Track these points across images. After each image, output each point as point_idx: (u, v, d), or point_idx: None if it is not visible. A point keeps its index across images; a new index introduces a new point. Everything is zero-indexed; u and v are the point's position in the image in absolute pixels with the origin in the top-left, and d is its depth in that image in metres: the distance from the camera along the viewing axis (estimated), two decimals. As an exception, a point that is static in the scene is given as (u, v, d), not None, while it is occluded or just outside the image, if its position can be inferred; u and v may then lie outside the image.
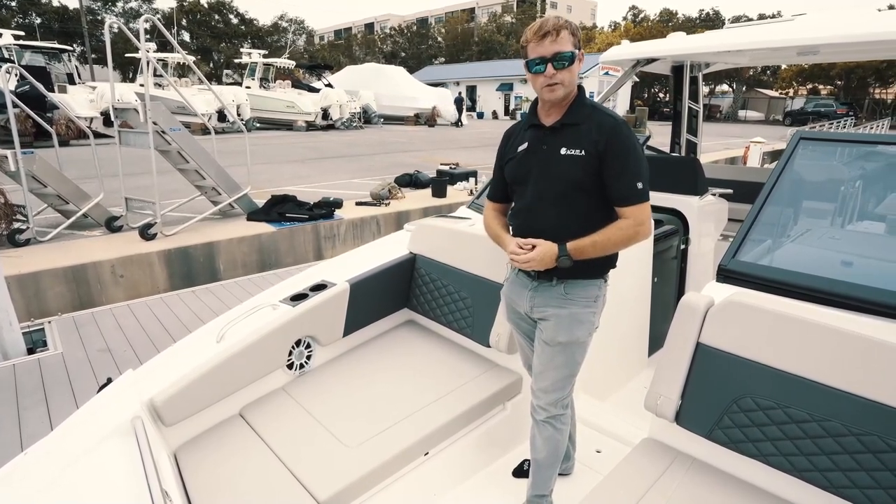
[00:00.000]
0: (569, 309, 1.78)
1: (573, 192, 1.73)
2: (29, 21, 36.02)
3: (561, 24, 1.66)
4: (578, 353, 1.84)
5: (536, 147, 1.79)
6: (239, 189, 7.53)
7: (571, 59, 1.66)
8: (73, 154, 10.71)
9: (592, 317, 1.82)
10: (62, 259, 5.60)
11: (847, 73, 37.73)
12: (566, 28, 1.66)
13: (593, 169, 1.70)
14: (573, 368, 1.85)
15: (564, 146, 1.72)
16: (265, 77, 24.05)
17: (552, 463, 1.92)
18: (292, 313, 2.34)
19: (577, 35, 1.69)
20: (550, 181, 1.75)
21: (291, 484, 1.79)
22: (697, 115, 4.43)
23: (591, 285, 1.80)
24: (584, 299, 1.79)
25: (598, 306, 1.84)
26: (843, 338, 1.43)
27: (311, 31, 58.58)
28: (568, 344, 1.80)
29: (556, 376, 1.84)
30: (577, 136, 1.72)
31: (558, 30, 1.65)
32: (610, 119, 1.72)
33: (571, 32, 1.67)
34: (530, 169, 1.80)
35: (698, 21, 43.65)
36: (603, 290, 1.85)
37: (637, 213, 1.70)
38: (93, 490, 1.49)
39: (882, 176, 1.99)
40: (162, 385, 1.98)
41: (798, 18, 3.00)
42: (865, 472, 1.38)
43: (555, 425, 1.88)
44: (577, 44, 1.68)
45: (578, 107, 1.75)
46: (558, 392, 1.85)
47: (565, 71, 1.67)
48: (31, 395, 3.40)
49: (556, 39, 1.65)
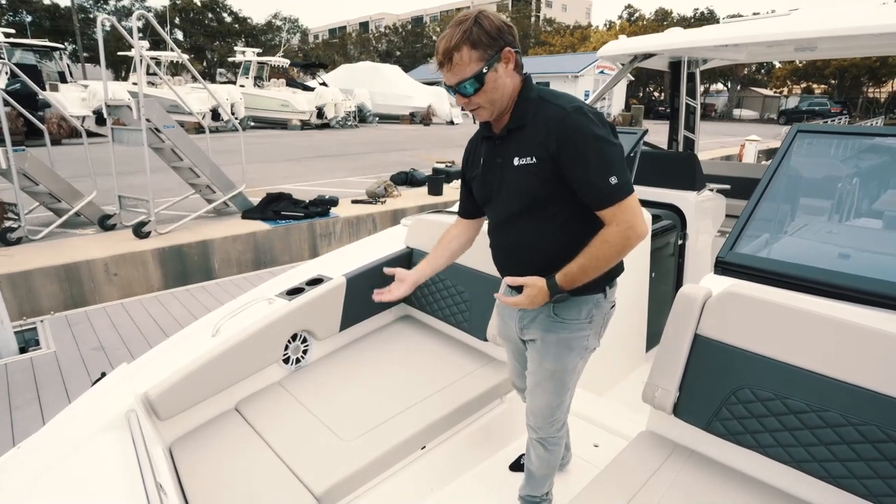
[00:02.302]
0: (558, 334, 1.58)
1: (536, 205, 1.49)
2: (20, 19, 35.73)
3: (452, 47, 1.37)
4: (570, 379, 1.66)
5: (492, 161, 1.57)
6: (234, 187, 7.49)
7: (479, 80, 1.39)
8: (65, 153, 10.64)
9: (585, 341, 1.60)
10: (54, 257, 5.55)
11: (841, 72, 37.96)
12: (462, 46, 1.37)
13: (551, 175, 1.43)
14: (563, 396, 1.69)
15: (517, 155, 1.48)
16: (259, 76, 23.93)
17: (545, 474, 1.86)
18: (288, 307, 2.33)
19: (482, 43, 1.37)
20: (509, 197, 1.53)
21: (288, 478, 1.78)
22: (695, 112, 4.43)
23: (585, 303, 1.56)
24: (575, 321, 1.57)
25: (595, 327, 1.61)
26: (842, 328, 1.43)
27: (306, 30, 58.45)
28: (556, 371, 1.63)
29: (544, 402, 1.69)
30: (525, 141, 1.47)
31: (450, 55, 1.38)
32: (556, 110, 1.42)
33: (472, 45, 1.37)
34: (491, 186, 1.58)
35: (693, 20, 43.78)
36: (603, 307, 1.61)
37: (621, 215, 1.40)
38: (86, 482, 1.47)
39: (880, 168, 1.99)
40: (156, 379, 1.97)
41: (794, 13, 3.00)
42: (864, 462, 1.38)
43: (546, 446, 1.77)
44: (486, 54, 1.38)
45: (523, 105, 1.48)
46: (546, 417, 1.71)
47: (479, 94, 1.42)
48: (23, 394, 3.37)
49: (451, 67, 1.40)
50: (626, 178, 1.41)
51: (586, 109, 1.43)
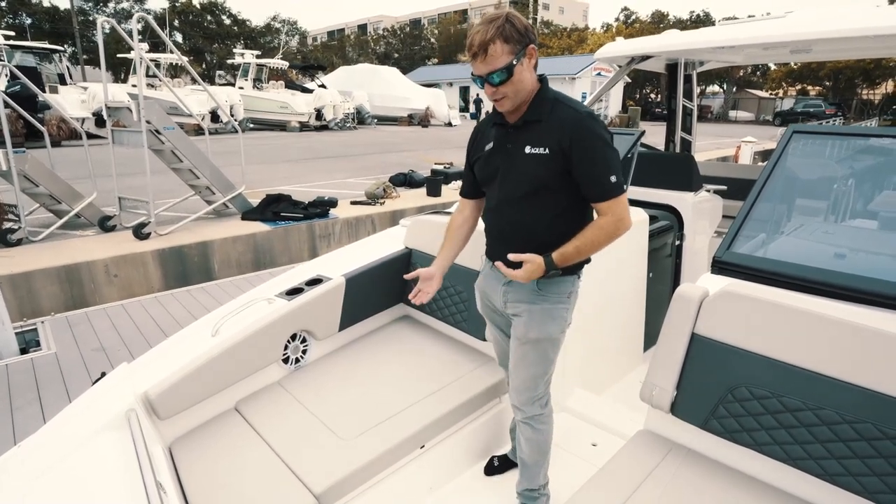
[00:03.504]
0: (541, 304, 1.75)
1: (541, 191, 1.67)
2: (19, 21, 35.69)
3: (488, 39, 1.53)
4: (551, 350, 1.81)
5: (501, 146, 1.73)
6: (233, 188, 7.50)
7: (509, 71, 1.56)
8: (65, 154, 10.63)
9: (565, 313, 1.79)
10: (55, 259, 5.56)
11: (835, 74, 38.04)
12: (496, 39, 1.53)
13: (560, 167, 1.63)
14: (546, 366, 1.82)
15: (529, 144, 1.66)
16: (258, 78, 23.95)
17: (537, 461, 1.92)
18: (288, 307, 2.34)
19: (513, 39, 1.54)
20: (517, 181, 1.69)
21: (287, 477, 1.79)
22: (692, 114, 4.45)
23: (564, 282, 1.76)
24: (556, 295, 1.76)
25: (571, 302, 1.81)
26: (837, 327, 1.45)
27: (304, 32, 58.45)
28: (539, 340, 1.77)
29: (527, 374, 1.82)
30: (540, 133, 1.65)
31: (485, 47, 1.53)
32: (572, 112, 1.63)
33: (505, 39, 1.53)
34: (497, 168, 1.74)
35: (689, 23, 43.90)
36: (576, 287, 1.82)
37: (615, 208, 1.63)
38: (86, 481, 1.48)
39: (875, 168, 2.01)
40: (156, 379, 1.97)
41: (790, 15, 3.02)
42: (859, 460, 1.39)
43: (533, 426, 1.87)
44: (516, 49, 1.55)
45: (540, 102, 1.67)
46: (531, 391, 1.83)
47: (507, 84, 1.59)
48: (23, 394, 3.37)
49: (486, 58, 1.55)
50: (622, 178, 1.66)
51: (596, 116, 1.66)
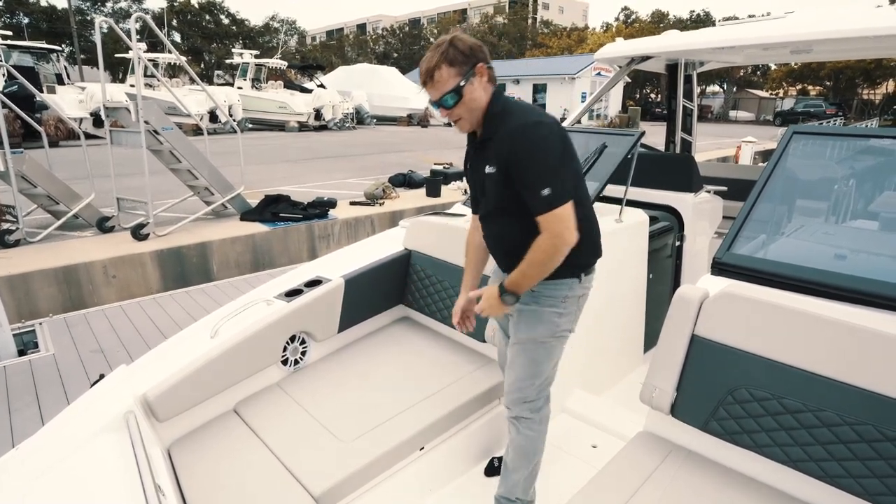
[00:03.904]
0: (531, 306, 1.75)
1: (502, 209, 1.70)
2: (16, 21, 35.65)
3: (433, 66, 1.58)
4: (541, 355, 1.77)
5: (473, 165, 1.80)
6: (232, 189, 7.49)
7: (458, 93, 1.59)
8: (62, 155, 10.61)
9: (557, 317, 1.74)
10: (53, 260, 5.54)
11: (836, 74, 38.07)
12: (441, 64, 1.58)
13: (508, 184, 1.62)
14: (534, 369, 1.78)
15: (487, 164, 1.68)
16: (257, 77, 23.93)
17: (516, 467, 1.85)
18: (287, 309, 2.33)
19: (458, 61, 1.58)
20: (489, 199, 1.74)
21: (286, 479, 1.78)
22: (692, 114, 4.45)
23: (560, 285, 1.72)
24: (548, 298, 1.73)
25: (568, 307, 1.75)
26: (838, 328, 1.44)
27: (303, 32, 58.40)
28: (527, 342, 1.76)
29: (515, 375, 1.80)
30: (492, 151, 1.65)
31: (432, 73, 1.59)
32: (514, 122, 1.60)
33: (450, 63, 1.58)
34: (473, 185, 1.83)
35: (689, 22, 43.93)
36: (575, 291, 1.75)
37: (550, 224, 1.57)
38: (85, 483, 1.48)
39: (875, 169, 2.01)
40: (155, 380, 1.97)
41: (790, 15, 3.02)
42: (860, 462, 1.39)
43: (518, 428, 1.82)
44: (462, 70, 1.59)
45: (490, 118, 1.66)
46: (518, 392, 1.80)
47: (459, 106, 1.62)
48: (22, 396, 3.36)
49: (434, 84, 1.60)
50: (560, 189, 1.56)
51: (545, 122, 1.59)
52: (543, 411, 1.86)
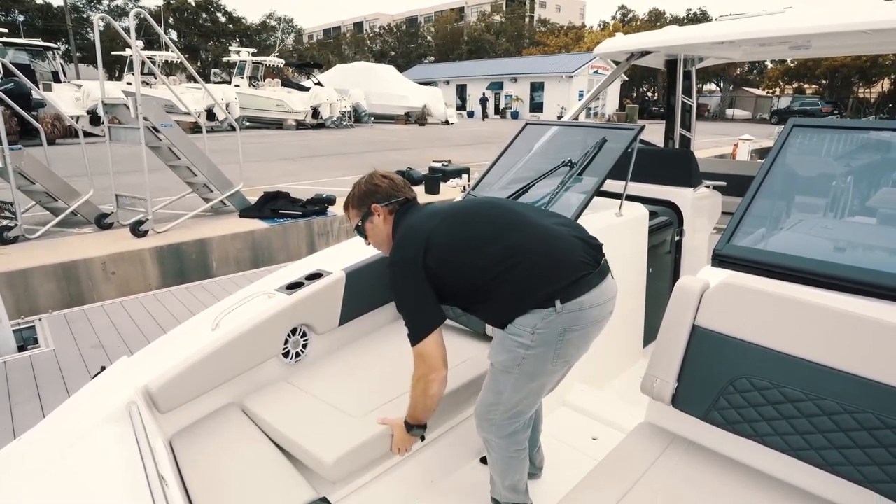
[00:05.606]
0: (499, 332, 1.73)
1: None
2: (12, 18, 35.47)
3: (345, 205, 1.93)
4: (502, 383, 1.71)
5: None
6: (231, 186, 7.48)
7: (359, 230, 1.91)
8: (60, 153, 10.57)
9: (519, 348, 1.65)
10: (52, 256, 5.53)
11: (832, 73, 38.15)
12: (348, 206, 1.91)
13: None
14: (496, 396, 1.73)
15: None
16: (254, 75, 23.87)
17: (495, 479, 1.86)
18: (288, 301, 2.33)
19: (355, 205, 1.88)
20: None
21: (287, 470, 1.79)
22: (691, 110, 4.46)
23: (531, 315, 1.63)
24: (514, 326, 1.66)
25: (542, 341, 1.63)
26: (837, 318, 1.46)
27: (300, 30, 58.25)
28: (492, 365, 1.76)
29: (481, 395, 1.81)
30: None
31: (346, 210, 1.93)
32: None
33: (352, 206, 1.89)
34: None
35: (686, 21, 43.96)
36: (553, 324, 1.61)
37: (415, 359, 1.71)
38: (88, 474, 1.48)
39: (875, 161, 2.02)
40: (157, 372, 1.97)
41: (789, 10, 3.03)
42: (860, 450, 1.40)
43: (488, 445, 1.83)
44: (361, 212, 1.87)
45: None
46: (484, 413, 1.78)
47: (368, 237, 1.92)
48: (22, 392, 3.36)
49: (349, 217, 1.93)
50: (418, 328, 1.67)
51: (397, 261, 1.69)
52: (515, 437, 1.78)
